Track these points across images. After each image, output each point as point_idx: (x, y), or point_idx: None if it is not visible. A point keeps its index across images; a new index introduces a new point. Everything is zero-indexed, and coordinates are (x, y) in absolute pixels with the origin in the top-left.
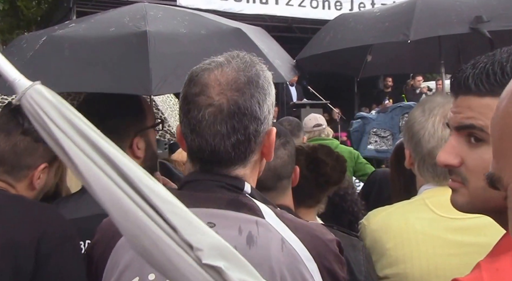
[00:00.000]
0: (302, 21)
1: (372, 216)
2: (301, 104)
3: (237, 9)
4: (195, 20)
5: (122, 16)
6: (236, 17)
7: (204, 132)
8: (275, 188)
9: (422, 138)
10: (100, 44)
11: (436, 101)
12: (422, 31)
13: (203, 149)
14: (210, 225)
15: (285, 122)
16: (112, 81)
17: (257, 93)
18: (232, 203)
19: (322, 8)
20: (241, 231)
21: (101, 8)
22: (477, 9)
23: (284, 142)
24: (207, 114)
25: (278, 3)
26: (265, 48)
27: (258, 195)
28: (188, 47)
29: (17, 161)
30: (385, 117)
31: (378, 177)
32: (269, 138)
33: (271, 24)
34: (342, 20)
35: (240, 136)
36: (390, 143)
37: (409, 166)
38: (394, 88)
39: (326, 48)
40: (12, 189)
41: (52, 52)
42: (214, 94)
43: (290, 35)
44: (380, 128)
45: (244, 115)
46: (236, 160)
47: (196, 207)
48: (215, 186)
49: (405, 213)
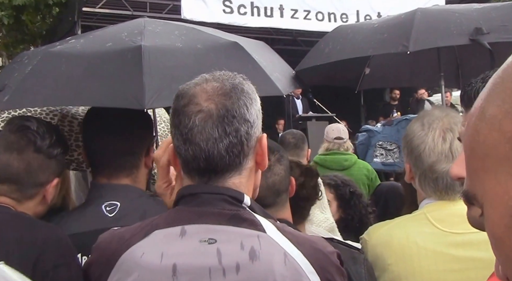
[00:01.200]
0: (307, 34)
1: (373, 231)
2: (307, 117)
3: (242, 23)
4: (192, 34)
5: (120, 31)
6: (241, 30)
7: (197, 138)
8: (275, 204)
9: (422, 153)
10: (96, 59)
11: (434, 115)
12: (422, 42)
13: (198, 156)
14: (211, 241)
15: (288, 135)
16: (106, 95)
17: (243, 97)
18: (233, 218)
19: (328, 21)
20: (243, 246)
21: (106, 22)
22: (476, 21)
23: (279, 157)
24: (197, 120)
25: (283, 16)
26: (263, 61)
27: (258, 207)
28: (183, 61)
29: (31, 179)
30: (390, 130)
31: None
32: (261, 145)
33: (276, 37)
34: (340, 32)
35: (232, 138)
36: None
37: (409, 180)
38: (402, 101)
39: (325, 59)
40: (20, 206)
41: (49, 67)
42: (202, 101)
43: (295, 48)
44: (386, 141)
45: (234, 117)
46: (231, 165)
47: (196, 223)
48: (214, 199)
49: (407, 228)
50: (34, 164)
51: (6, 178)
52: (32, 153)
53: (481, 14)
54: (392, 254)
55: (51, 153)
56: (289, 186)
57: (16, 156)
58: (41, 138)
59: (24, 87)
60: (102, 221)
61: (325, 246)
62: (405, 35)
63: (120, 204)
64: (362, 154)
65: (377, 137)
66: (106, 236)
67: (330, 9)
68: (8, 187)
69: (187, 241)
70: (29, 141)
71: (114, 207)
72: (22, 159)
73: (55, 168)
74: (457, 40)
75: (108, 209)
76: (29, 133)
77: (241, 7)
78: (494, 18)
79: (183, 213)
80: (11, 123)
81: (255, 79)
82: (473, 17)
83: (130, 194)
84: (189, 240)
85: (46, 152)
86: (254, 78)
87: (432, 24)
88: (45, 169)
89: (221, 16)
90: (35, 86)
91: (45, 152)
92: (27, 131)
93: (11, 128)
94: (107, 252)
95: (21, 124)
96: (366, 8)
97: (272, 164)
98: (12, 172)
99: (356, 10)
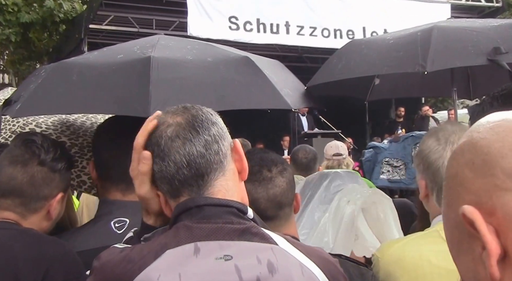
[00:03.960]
0: (313, 50)
1: (386, 248)
2: (312, 134)
3: (248, 39)
4: (204, 48)
5: (133, 45)
6: (247, 46)
7: (173, 149)
8: (277, 217)
9: (441, 167)
10: (107, 70)
11: (449, 130)
12: (439, 62)
13: (179, 165)
14: (227, 258)
15: (301, 154)
16: (114, 103)
17: (205, 110)
18: (244, 233)
19: (334, 37)
20: (260, 260)
21: (112, 39)
22: (495, 40)
23: (281, 170)
24: (168, 133)
25: (289, 32)
26: (274, 77)
27: (259, 220)
28: (192, 73)
29: (35, 192)
30: (397, 147)
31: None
32: (236, 150)
33: (281, 54)
34: (354, 46)
35: (207, 136)
36: (402, 173)
37: (424, 198)
38: (407, 118)
39: (339, 76)
40: (24, 221)
41: (61, 76)
42: (169, 119)
43: (300, 65)
44: (392, 158)
45: (202, 121)
46: (213, 162)
47: (208, 240)
48: (220, 212)
49: (419, 245)
50: (38, 176)
51: (10, 191)
52: (36, 166)
53: (499, 33)
54: (405, 272)
55: (55, 166)
56: (293, 201)
57: (20, 168)
58: (45, 152)
59: (36, 95)
60: (111, 238)
61: (329, 256)
62: (422, 55)
63: (129, 220)
64: (369, 170)
65: (384, 154)
66: (111, 257)
67: (336, 25)
68: (12, 201)
69: (202, 259)
70: (34, 154)
71: (123, 224)
72: (26, 171)
73: (59, 182)
74: (475, 61)
75: (117, 225)
76: (33, 147)
77: (247, 24)
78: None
79: (192, 230)
80: (17, 138)
81: (264, 92)
82: (490, 36)
83: (139, 211)
84: (204, 259)
85: (50, 165)
86: (263, 91)
87: (449, 43)
88: (49, 182)
89: (227, 33)
90: (46, 95)
91: (49, 165)
92: (32, 145)
93: (16, 143)
94: (115, 275)
95: (26, 138)
96: (372, 24)
97: (273, 176)
98: (16, 185)
99: (363, 27)
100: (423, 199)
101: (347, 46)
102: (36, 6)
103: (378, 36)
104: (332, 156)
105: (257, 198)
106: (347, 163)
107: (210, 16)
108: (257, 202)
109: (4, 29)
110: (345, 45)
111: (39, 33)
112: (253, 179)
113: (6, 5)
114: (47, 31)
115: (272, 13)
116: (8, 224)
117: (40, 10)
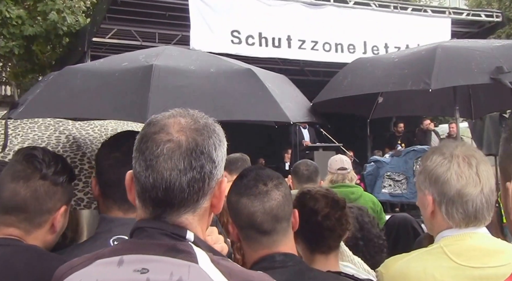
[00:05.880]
0: (315, 64)
1: (390, 264)
2: (313, 147)
3: (250, 53)
4: (208, 59)
5: (140, 54)
6: (249, 60)
7: (161, 167)
8: (275, 231)
9: (450, 179)
10: (109, 76)
11: (451, 145)
12: (443, 80)
13: (157, 185)
14: (144, 271)
15: (302, 166)
16: (114, 109)
17: (213, 137)
18: (171, 249)
19: (335, 51)
20: (172, 276)
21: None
22: (497, 60)
23: (277, 183)
24: (165, 149)
25: (291, 46)
26: (276, 90)
27: (203, 244)
28: (194, 82)
29: (39, 207)
30: (398, 161)
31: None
32: (220, 188)
33: (283, 67)
34: (359, 64)
35: (196, 174)
36: (404, 187)
37: (430, 214)
38: (406, 132)
39: (344, 92)
40: (28, 236)
41: (65, 80)
42: (173, 132)
43: (302, 78)
44: (394, 172)
45: (202, 153)
46: (189, 200)
47: (135, 254)
48: (157, 233)
49: (424, 261)
50: (41, 190)
51: (13, 207)
52: (38, 180)
53: (501, 52)
54: None
55: (57, 180)
56: (290, 216)
57: (22, 184)
58: (47, 166)
59: (39, 98)
60: None
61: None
62: (426, 73)
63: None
64: (371, 184)
65: (386, 168)
66: (66, 262)
67: (338, 40)
68: (16, 217)
69: (122, 270)
70: (35, 169)
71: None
72: (28, 186)
73: (62, 195)
74: (478, 79)
75: (116, 243)
76: (35, 162)
77: (249, 38)
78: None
79: (126, 245)
80: (18, 153)
81: (263, 104)
82: (493, 55)
83: None
84: (124, 269)
85: (52, 178)
86: (262, 103)
87: (453, 62)
88: (52, 195)
89: (229, 47)
90: (48, 98)
91: (51, 179)
92: (33, 160)
93: (17, 159)
94: (57, 275)
95: (27, 153)
96: (373, 39)
97: (269, 189)
98: (20, 200)
99: (364, 41)
100: (429, 215)
101: (352, 64)
102: (40, 19)
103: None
104: (336, 170)
105: (254, 211)
106: (351, 177)
107: (213, 30)
108: (254, 215)
109: (8, 42)
110: (350, 63)
111: (43, 46)
112: (249, 193)
113: (11, 18)
114: (50, 44)
115: (274, 27)
116: (12, 240)
117: (44, 23)
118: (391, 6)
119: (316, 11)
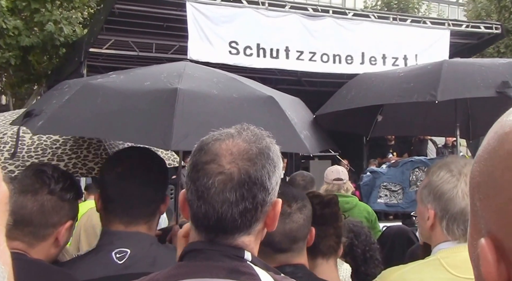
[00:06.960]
0: (312, 74)
1: (387, 275)
2: (309, 156)
3: (247, 64)
4: (230, 83)
5: (160, 72)
6: (246, 70)
7: (213, 199)
8: (290, 250)
9: (455, 196)
10: (132, 96)
11: (460, 163)
12: (449, 92)
13: (209, 216)
14: None
15: (298, 177)
16: (136, 132)
17: (267, 164)
18: (233, 272)
19: (333, 62)
20: None
21: (112, 62)
22: (503, 75)
23: (301, 206)
24: (216, 182)
25: (289, 57)
26: (295, 118)
27: (260, 262)
28: (216, 108)
29: (44, 220)
30: (395, 172)
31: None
32: (274, 209)
33: (280, 77)
34: (364, 78)
35: (248, 204)
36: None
37: (429, 227)
38: (398, 142)
39: (347, 105)
40: (32, 250)
41: (86, 98)
42: (225, 163)
43: (299, 88)
44: (390, 182)
45: (254, 184)
46: (242, 227)
47: (195, 278)
48: (217, 255)
49: (421, 273)
50: (48, 205)
51: (19, 221)
52: (45, 195)
53: (507, 69)
54: None
55: (64, 196)
56: (307, 235)
57: (30, 197)
58: (55, 182)
59: (59, 115)
60: (111, 268)
61: None
62: (432, 85)
63: (130, 251)
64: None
65: (382, 179)
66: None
67: (336, 51)
68: (21, 231)
69: None
70: (44, 184)
71: (124, 254)
72: (36, 200)
73: (68, 210)
74: (484, 92)
75: (118, 256)
76: (44, 177)
77: (247, 49)
78: None
79: (183, 269)
80: (28, 169)
81: (284, 135)
82: (499, 71)
83: (141, 241)
84: None
85: (60, 194)
86: (283, 135)
87: (459, 75)
88: (58, 210)
89: (227, 57)
90: (70, 115)
91: (58, 195)
92: (42, 175)
93: (27, 174)
94: None
95: (37, 169)
96: (371, 50)
97: (292, 212)
98: (26, 214)
99: (361, 52)
100: (429, 228)
101: (357, 78)
102: (37, 30)
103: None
104: (332, 180)
105: (273, 232)
106: (347, 187)
107: (211, 41)
108: (273, 234)
109: (4, 53)
110: (354, 78)
111: (39, 56)
112: None
113: (7, 29)
114: (47, 55)
115: (272, 38)
116: (16, 254)
117: (41, 34)
118: (390, 17)
119: (314, 23)
